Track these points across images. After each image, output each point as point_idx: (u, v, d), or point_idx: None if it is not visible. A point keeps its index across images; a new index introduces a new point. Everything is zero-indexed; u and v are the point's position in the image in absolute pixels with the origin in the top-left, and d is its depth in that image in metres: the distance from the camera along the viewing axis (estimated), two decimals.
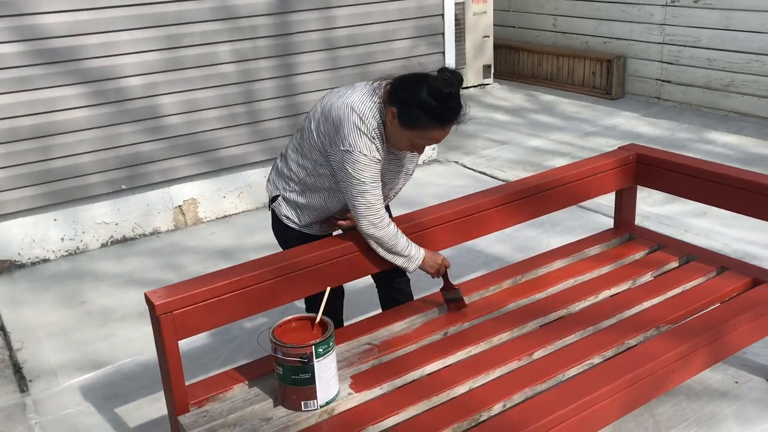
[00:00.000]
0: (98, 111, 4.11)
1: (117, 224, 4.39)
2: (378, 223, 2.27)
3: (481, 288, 2.77)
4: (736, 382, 2.81)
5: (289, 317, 2.19)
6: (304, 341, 2.06)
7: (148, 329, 3.42)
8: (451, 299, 2.61)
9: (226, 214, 4.76)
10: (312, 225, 2.51)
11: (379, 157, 2.27)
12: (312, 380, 2.07)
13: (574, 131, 6.22)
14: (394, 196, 2.58)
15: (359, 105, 2.24)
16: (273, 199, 2.54)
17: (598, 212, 4.52)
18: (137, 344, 3.33)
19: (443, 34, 5.18)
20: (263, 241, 4.22)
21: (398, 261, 2.34)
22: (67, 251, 4.28)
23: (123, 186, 4.30)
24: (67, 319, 3.58)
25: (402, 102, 2.18)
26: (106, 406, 2.91)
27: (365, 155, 2.22)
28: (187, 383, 2.22)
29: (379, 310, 2.86)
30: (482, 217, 2.67)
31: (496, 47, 8.06)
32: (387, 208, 2.58)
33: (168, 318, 2.05)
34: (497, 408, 2.13)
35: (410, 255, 2.34)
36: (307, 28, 4.65)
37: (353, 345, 2.45)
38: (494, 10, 7.95)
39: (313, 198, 2.44)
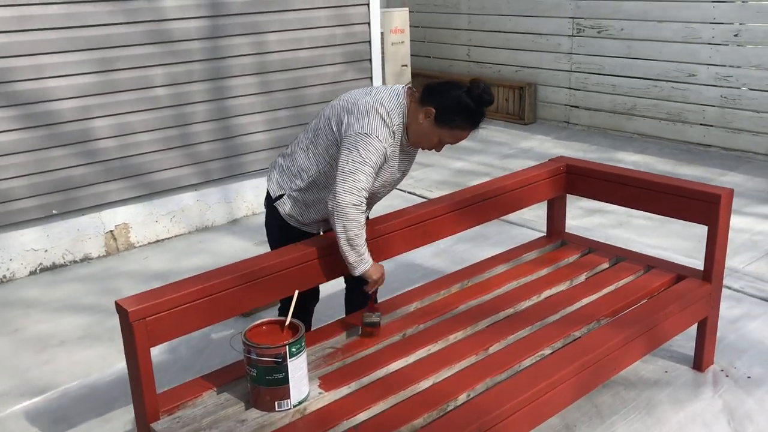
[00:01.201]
0: (28, 134, 4.02)
1: (46, 251, 4.27)
2: (357, 206, 2.34)
3: (432, 292, 2.90)
4: (666, 372, 3.04)
5: (259, 321, 2.24)
6: (277, 342, 2.12)
7: (90, 353, 3.38)
8: (370, 323, 2.55)
9: (159, 238, 4.71)
10: (313, 224, 2.59)
11: (388, 153, 2.42)
12: (286, 380, 2.13)
13: (493, 154, 6.51)
14: (381, 197, 2.67)
15: (387, 102, 2.43)
16: (277, 198, 2.59)
17: (524, 226, 4.76)
18: (81, 367, 3.25)
19: (370, 60, 5.36)
20: (199, 264, 4.20)
21: (351, 257, 2.40)
22: None
23: (54, 211, 4.19)
24: (1, 347, 3.45)
25: (442, 102, 2.39)
26: (55, 429, 2.84)
27: (380, 142, 2.37)
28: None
29: (337, 317, 2.94)
30: (434, 224, 2.81)
31: (414, 76, 8.34)
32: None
33: (141, 325, 2.06)
34: (462, 398, 2.25)
35: (363, 255, 2.42)
36: (239, 53, 4.71)
37: (317, 349, 2.51)
38: (411, 40, 8.25)
39: (322, 195, 2.53)
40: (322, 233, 2.68)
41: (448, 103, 2.41)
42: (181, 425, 2.11)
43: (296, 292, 2.29)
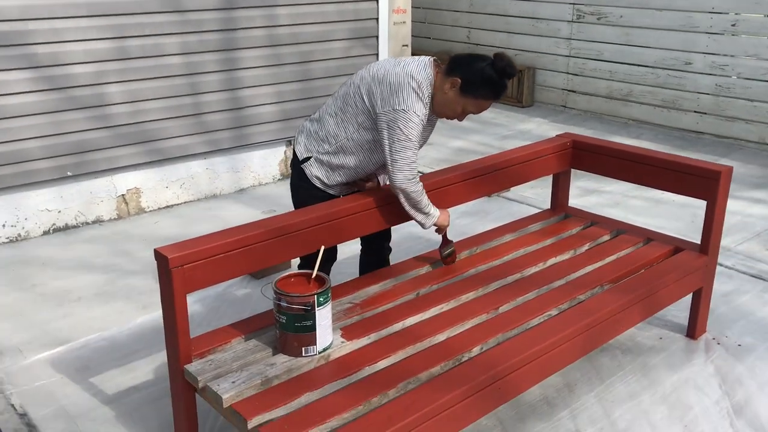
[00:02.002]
0: (44, 97, 4.10)
1: (60, 212, 4.36)
2: (412, 179, 2.56)
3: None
4: (661, 339, 3.21)
5: (287, 273, 2.37)
6: (306, 292, 2.25)
7: (107, 308, 3.50)
8: (448, 253, 2.95)
9: (169, 204, 4.81)
10: (337, 186, 2.74)
11: (425, 122, 2.59)
12: (313, 327, 2.26)
13: (492, 135, 6.65)
14: None
15: (417, 75, 2.55)
16: (304, 161, 2.72)
17: (523, 203, 4.91)
18: (99, 322, 3.37)
19: (377, 37, 5.47)
20: (208, 230, 4.31)
21: (418, 217, 2.65)
22: (8, 238, 4.21)
23: (69, 173, 4.29)
24: (20, 301, 3.56)
25: (468, 73, 2.53)
26: (79, 376, 2.96)
27: (418, 116, 2.52)
28: None
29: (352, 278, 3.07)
30: (447, 191, 2.94)
31: (414, 56, 8.42)
32: None
33: (179, 271, 2.18)
34: (476, 350, 2.40)
35: (429, 212, 2.67)
36: (250, 25, 4.80)
37: (335, 304, 2.65)
38: (412, 21, 8.33)
39: (349, 159, 2.68)
40: (342, 197, 2.81)
41: (474, 74, 2.55)
42: (214, 367, 2.24)
43: (321, 247, 2.42)
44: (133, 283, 3.72)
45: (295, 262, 3.42)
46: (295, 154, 2.79)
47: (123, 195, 4.59)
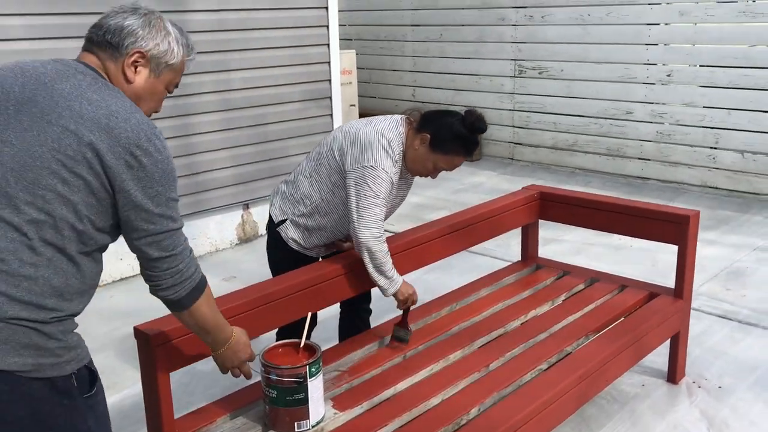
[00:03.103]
0: None
1: None
2: (378, 237, 2.47)
3: (425, 315, 2.99)
4: (643, 385, 3.20)
5: (274, 344, 2.27)
6: (297, 363, 2.15)
7: None
8: (399, 337, 2.71)
9: (123, 276, 4.62)
10: (314, 248, 2.64)
11: (394, 181, 2.52)
12: (305, 400, 2.15)
13: (446, 189, 6.70)
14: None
15: (388, 132, 2.52)
16: (279, 223, 2.63)
17: (486, 255, 4.92)
18: None
19: (330, 98, 5.49)
20: None
21: (381, 281, 2.52)
22: None
23: None
24: None
25: (437, 128, 2.50)
26: None
27: (387, 173, 2.46)
28: None
29: (332, 344, 2.98)
30: (424, 249, 2.91)
31: (361, 116, 8.51)
32: None
33: (162, 349, 2.06)
34: (474, 412, 2.33)
35: (392, 278, 2.53)
36: (203, 90, 4.75)
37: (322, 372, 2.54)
38: (358, 81, 8.44)
39: (324, 220, 2.60)
40: (321, 259, 2.74)
41: (443, 130, 2.53)
42: None
43: (309, 314, 2.34)
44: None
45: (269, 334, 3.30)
46: (270, 217, 2.72)
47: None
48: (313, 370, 2.15)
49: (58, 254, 1.52)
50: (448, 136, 2.54)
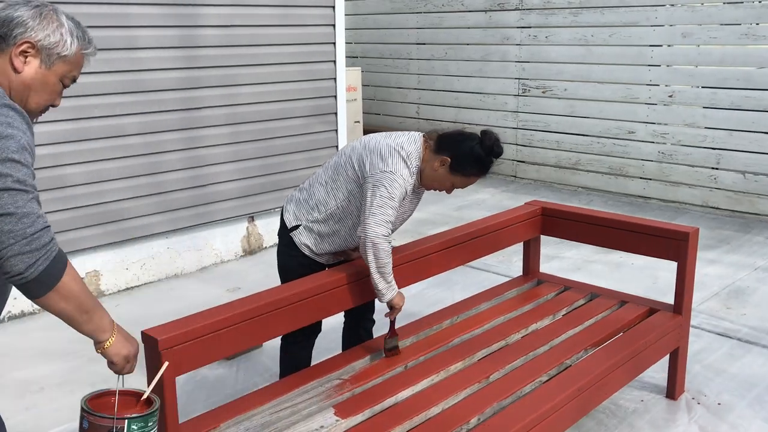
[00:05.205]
0: None
1: (15, 298, 4.17)
2: (385, 236, 2.53)
3: (426, 327, 3.03)
4: (642, 401, 3.23)
5: (116, 389, 1.82)
6: (119, 413, 1.72)
7: (73, 398, 3.33)
8: (391, 347, 2.75)
9: (129, 286, 4.67)
10: (325, 255, 2.71)
11: (408, 192, 2.61)
12: None
13: (448, 205, 6.75)
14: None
15: (407, 146, 2.62)
16: (293, 229, 2.69)
17: (488, 270, 4.96)
18: (65, 412, 3.19)
19: (336, 113, 5.55)
20: (172, 312, 4.19)
21: (380, 284, 2.56)
22: None
23: None
24: None
25: (457, 152, 2.60)
26: None
27: (404, 180, 2.56)
28: None
29: (335, 353, 3.01)
30: (429, 260, 2.96)
31: (365, 132, 8.59)
32: None
33: (169, 353, 2.10)
34: (474, 421, 2.36)
35: (391, 284, 2.59)
36: (212, 104, 4.82)
37: (323, 381, 2.58)
38: (363, 98, 8.53)
39: (338, 227, 2.68)
40: (327, 267, 2.79)
41: (463, 154, 2.63)
42: None
43: (165, 363, 2.00)
44: (98, 370, 3.54)
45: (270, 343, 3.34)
46: (283, 223, 2.79)
47: (82, 279, 4.43)
48: (134, 427, 1.69)
49: None
50: (468, 161, 2.64)
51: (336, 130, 5.58)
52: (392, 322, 2.76)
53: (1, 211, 1.49)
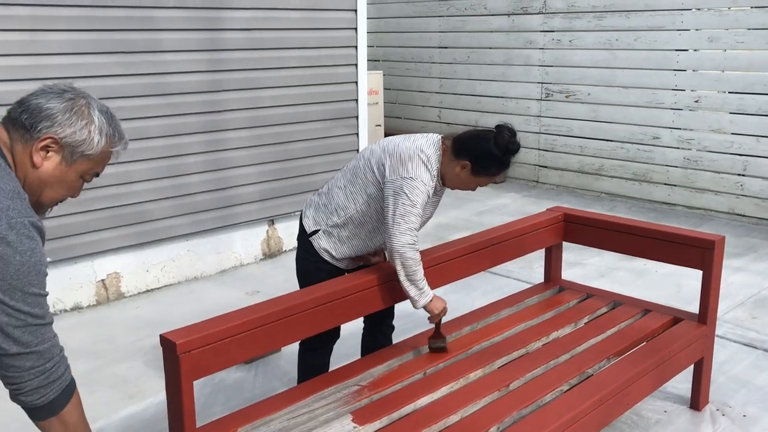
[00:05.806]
0: None
1: None
2: (412, 244, 2.52)
3: (446, 334, 2.99)
4: (665, 411, 3.17)
5: None
6: None
7: (92, 399, 3.35)
8: (437, 347, 2.80)
9: (149, 288, 4.69)
10: (344, 260, 2.70)
11: (430, 194, 2.58)
12: None
13: (469, 210, 6.72)
14: None
15: (427, 149, 2.59)
16: (312, 233, 2.69)
17: (509, 276, 4.92)
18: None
19: (357, 117, 5.55)
20: (192, 314, 4.20)
21: (411, 291, 2.56)
22: None
23: (48, 258, 4.15)
24: None
25: (476, 156, 2.59)
26: None
27: (425, 185, 2.54)
28: None
29: (353, 358, 3.00)
30: (450, 265, 2.93)
31: (386, 135, 8.58)
32: None
33: (187, 357, 2.10)
34: (493, 430, 2.33)
35: (423, 289, 2.58)
36: (234, 107, 4.84)
37: (341, 387, 2.57)
38: (384, 102, 8.52)
39: (357, 231, 2.66)
40: (347, 272, 2.77)
41: (481, 156, 2.61)
42: None
43: None
44: (117, 372, 3.57)
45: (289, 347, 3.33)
46: (302, 227, 2.78)
47: (103, 280, 4.47)
48: None
49: None
50: (487, 162, 2.62)
51: (357, 134, 5.57)
52: (437, 324, 2.77)
53: (26, 350, 1.53)
